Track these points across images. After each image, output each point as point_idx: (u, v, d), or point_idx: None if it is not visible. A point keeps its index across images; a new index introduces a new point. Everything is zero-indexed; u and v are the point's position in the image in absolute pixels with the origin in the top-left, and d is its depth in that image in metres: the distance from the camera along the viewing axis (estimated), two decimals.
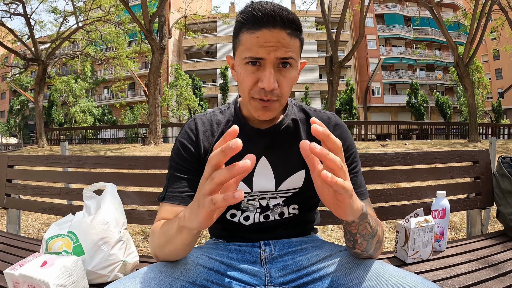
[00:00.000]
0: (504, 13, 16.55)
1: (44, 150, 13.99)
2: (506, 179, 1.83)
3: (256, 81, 0.94)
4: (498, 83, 36.44)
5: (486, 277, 1.30)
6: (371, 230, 0.90)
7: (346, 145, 1.10)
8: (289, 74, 0.96)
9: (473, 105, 14.53)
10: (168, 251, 0.90)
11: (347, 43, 37.10)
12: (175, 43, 37.91)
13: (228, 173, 0.63)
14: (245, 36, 0.93)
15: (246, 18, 0.92)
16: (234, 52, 1.02)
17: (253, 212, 1.13)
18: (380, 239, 0.97)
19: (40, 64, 15.86)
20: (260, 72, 0.94)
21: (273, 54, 0.91)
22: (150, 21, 12.63)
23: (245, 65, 0.94)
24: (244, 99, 1.00)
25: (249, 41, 0.91)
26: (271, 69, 0.92)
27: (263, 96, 0.94)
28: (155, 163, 1.86)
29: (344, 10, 14.64)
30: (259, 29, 0.90)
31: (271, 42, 0.90)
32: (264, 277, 1.03)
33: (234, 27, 0.99)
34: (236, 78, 1.03)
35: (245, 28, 0.92)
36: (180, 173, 1.06)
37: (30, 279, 1.06)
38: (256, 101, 0.97)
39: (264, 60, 0.92)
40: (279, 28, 0.90)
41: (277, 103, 0.98)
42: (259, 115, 0.99)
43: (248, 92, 0.97)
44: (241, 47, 0.94)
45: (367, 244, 0.92)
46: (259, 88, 0.94)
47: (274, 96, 0.95)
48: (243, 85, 0.97)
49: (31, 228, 4.09)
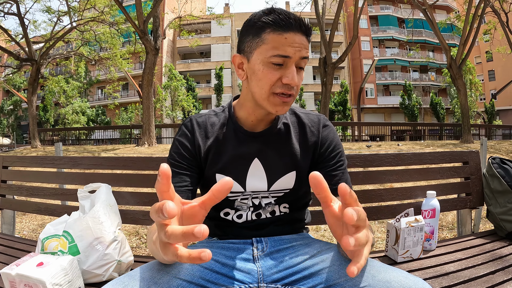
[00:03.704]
0: (496, 15, 16.67)
1: (37, 151, 13.88)
2: (495, 179, 1.86)
3: (279, 78, 1.01)
4: (491, 85, 36.66)
5: (476, 275, 1.33)
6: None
7: (333, 144, 1.17)
8: (302, 75, 1.06)
9: (465, 106, 14.60)
10: (160, 258, 0.92)
11: (341, 44, 37.15)
12: (169, 44, 37.78)
13: (183, 239, 0.58)
14: (271, 36, 0.99)
15: (274, 20, 0.98)
16: (249, 52, 1.04)
17: (246, 211, 1.17)
18: (372, 243, 0.99)
19: (33, 64, 15.71)
20: (283, 70, 1.01)
21: (298, 54, 0.99)
22: (145, 21, 12.57)
23: (268, 63, 1.00)
24: (261, 96, 1.04)
25: (277, 40, 0.98)
26: (294, 68, 1.01)
27: (287, 90, 1.01)
28: (149, 164, 1.87)
29: (338, 11, 14.66)
30: (287, 31, 0.98)
31: (297, 43, 0.99)
32: (257, 275, 1.06)
33: (252, 27, 1.03)
34: (244, 76, 1.08)
35: (271, 29, 0.99)
36: (179, 169, 1.10)
37: (27, 279, 1.07)
38: (277, 97, 1.02)
39: (290, 59, 0.99)
40: (302, 34, 1.00)
41: (292, 99, 1.04)
42: (277, 110, 1.04)
43: (270, 88, 1.02)
44: (266, 46, 1.00)
45: None
46: (281, 84, 1.01)
47: (294, 91, 1.03)
48: (263, 81, 1.02)
49: (25, 229, 4.07)
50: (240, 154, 1.13)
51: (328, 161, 1.16)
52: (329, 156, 1.16)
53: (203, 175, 1.17)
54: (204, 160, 1.14)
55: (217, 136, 1.14)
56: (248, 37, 1.04)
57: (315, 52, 35.66)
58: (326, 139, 1.18)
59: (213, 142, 1.14)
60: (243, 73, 1.08)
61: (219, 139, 1.14)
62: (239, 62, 1.09)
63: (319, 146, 1.17)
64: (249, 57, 1.05)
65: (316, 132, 1.18)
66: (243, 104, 1.14)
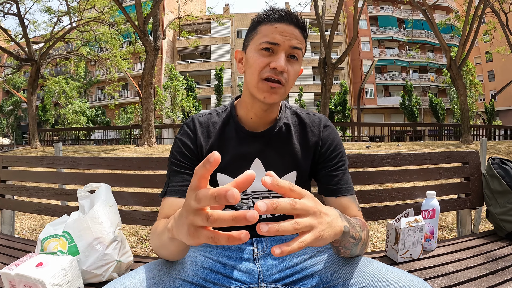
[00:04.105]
0: (496, 16, 16.67)
1: (37, 151, 13.89)
2: (495, 179, 1.86)
3: (267, 64, 1.02)
4: (490, 85, 36.69)
5: (476, 275, 1.33)
6: (354, 241, 0.91)
7: (334, 144, 1.17)
8: (295, 66, 1.06)
9: (465, 107, 14.60)
10: (165, 255, 0.94)
11: (340, 45, 37.17)
12: (169, 44, 37.78)
13: (214, 202, 0.58)
14: (264, 27, 1.03)
15: (267, 14, 1.04)
16: (247, 45, 1.10)
17: None
18: (365, 242, 1.00)
19: (33, 64, 15.69)
20: (272, 57, 1.02)
21: (287, 42, 1.01)
22: (144, 22, 12.57)
23: (259, 50, 1.03)
24: (252, 83, 1.05)
25: (268, 30, 1.02)
26: (283, 55, 1.02)
27: (274, 75, 1.02)
28: (148, 164, 1.87)
29: (337, 12, 14.67)
30: (278, 22, 1.02)
31: (287, 33, 1.02)
32: (257, 275, 1.06)
33: (252, 24, 1.08)
34: (243, 70, 1.10)
35: (264, 22, 1.04)
36: (181, 168, 1.10)
37: (26, 279, 1.07)
38: (265, 83, 1.03)
39: (278, 46, 1.01)
40: (294, 26, 1.03)
41: (282, 89, 1.04)
42: (265, 96, 1.04)
43: (258, 73, 1.03)
44: (258, 36, 1.04)
45: (351, 251, 0.95)
46: (269, 69, 1.02)
47: (283, 78, 1.02)
48: (253, 68, 1.04)
49: (24, 229, 4.07)
50: (241, 154, 1.13)
51: (329, 161, 1.16)
52: (330, 156, 1.16)
53: None
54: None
55: (219, 136, 1.15)
56: (248, 34, 1.09)
57: (315, 52, 35.70)
58: (327, 139, 1.18)
59: (215, 141, 1.14)
60: (242, 66, 1.11)
61: (220, 138, 1.15)
62: (240, 57, 1.13)
63: (319, 146, 1.17)
64: (246, 50, 1.09)
65: (317, 132, 1.18)
66: (242, 100, 1.15)
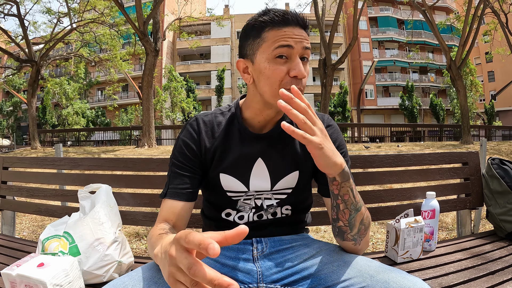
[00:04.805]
0: (496, 16, 16.65)
1: (37, 152, 13.88)
2: (495, 180, 1.87)
3: (287, 72, 1.00)
4: (490, 86, 36.68)
5: (475, 276, 1.33)
6: (354, 200, 0.94)
7: (336, 143, 1.16)
8: (307, 68, 1.04)
9: (465, 107, 14.59)
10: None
11: (340, 45, 37.16)
12: (169, 45, 37.79)
13: (206, 280, 0.56)
14: (271, 33, 1.00)
15: (271, 18, 1.00)
16: (252, 54, 1.04)
17: (247, 212, 1.17)
18: (365, 221, 1.01)
19: (33, 65, 15.68)
20: (289, 64, 1.00)
21: (299, 45, 0.99)
22: (144, 23, 12.57)
23: (274, 59, 1.00)
24: (273, 93, 1.01)
25: (277, 35, 0.99)
26: (299, 60, 1.00)
27: (296, 84, 0.98)
28: (149, 165, 1.87)
29: (337, 13, 14.65)
30: (286, 26, 0.99)
31: (296, 35, 1.00)
32: (257, 275, 1.06)
33: (252, 29, 1.04)
34: (251, 80, 1.06)
35: (270, 26, 1.00)
36: (182, 170, 1.09)
37: (27, 279, 1.08)
38: None
39: (292, 50, 0.99)
40: (300, 27, 1.01)
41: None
42: None
43: (279, 84, 1.00)
44: (267, 43, 1.00)
45: (350, 216, 0.96)
46: (290, 79, 1.00)
47: (302, 85, 1.02)
48: (272, 79, 1.00)
49: (24, 230, 4.07)
50: (244, 155, 1.13)
51: None
52: None
53: (206, 176, 1.16)
54: (210, 160, 1.13)
55: (223, 136, 1.13)
56: (249, 40, 1.04)
57: (315, 53, 35.59)
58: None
59: (219, 142, 1.13)
60: (249, 76, 1.07)
61: (225, 139, 1.13)
62: (244, 67, 1.08)
63: None
64: (252, 59, 1.04)
65: None
66: (250, 105, 1.12)
